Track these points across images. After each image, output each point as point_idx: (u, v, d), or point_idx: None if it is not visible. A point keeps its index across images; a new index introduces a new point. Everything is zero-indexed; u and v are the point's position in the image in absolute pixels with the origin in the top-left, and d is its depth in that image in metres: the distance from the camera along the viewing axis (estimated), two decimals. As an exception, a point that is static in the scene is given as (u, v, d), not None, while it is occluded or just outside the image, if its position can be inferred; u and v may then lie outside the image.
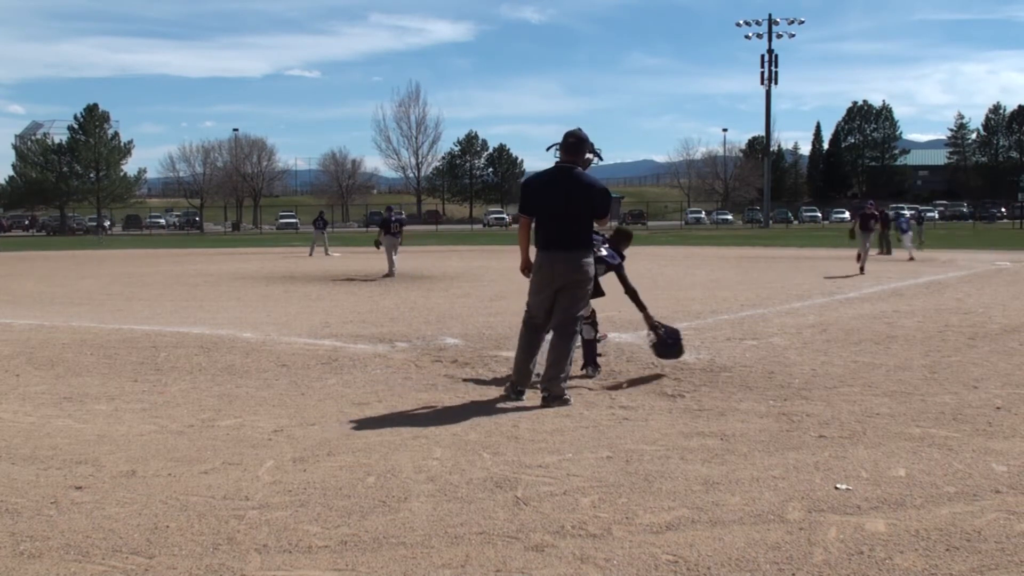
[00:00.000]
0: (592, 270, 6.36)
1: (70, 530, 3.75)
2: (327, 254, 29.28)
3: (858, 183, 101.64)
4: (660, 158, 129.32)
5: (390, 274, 19.06)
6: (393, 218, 20.17)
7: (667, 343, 7.24)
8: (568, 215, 6.17)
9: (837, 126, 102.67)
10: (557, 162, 6.31)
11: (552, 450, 4.92)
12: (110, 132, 75.52)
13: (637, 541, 3.59)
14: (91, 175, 73.80)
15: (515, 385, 6.33)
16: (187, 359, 8.07)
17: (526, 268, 6.44)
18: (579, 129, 6.36)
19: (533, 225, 6.30)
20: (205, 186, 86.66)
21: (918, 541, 3.55)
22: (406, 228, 29.73)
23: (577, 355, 6.75)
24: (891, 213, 34.77)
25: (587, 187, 6.22)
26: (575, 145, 6.26)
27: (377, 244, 20.07)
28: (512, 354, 8.06)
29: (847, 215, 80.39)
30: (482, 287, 16.04)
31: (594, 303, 7.34)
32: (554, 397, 6.08)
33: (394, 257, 19.46)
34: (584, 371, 7.17)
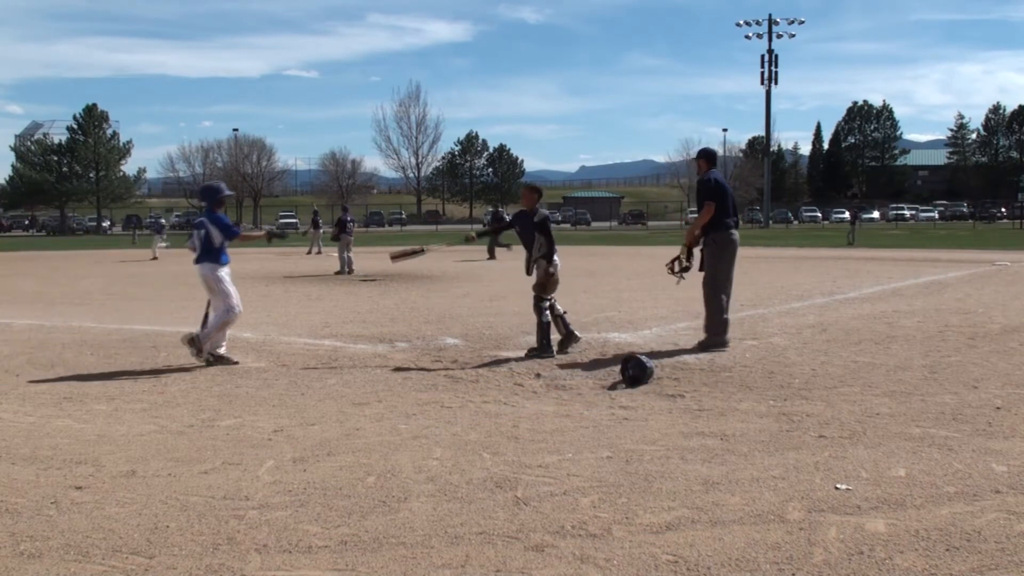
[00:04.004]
0: None
1: (70, 530, 3.76)
2: (319, 252, 29.42)
3: (858, 183, 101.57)
4: (660, 158, 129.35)
5: (342, 271, 19.55)
6: (349, 219, 20.94)
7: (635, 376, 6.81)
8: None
9: (837, 126, 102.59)
10: (714, 169, 8.55)
11: (552, 450, 4.93)
12: (109, 132, 75.46)
13: (637, 541, 3.59)
14: (91, 175, 73.74)
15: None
16: (187, 359, 8.07)
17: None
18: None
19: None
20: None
21: (918, 541, 3.55)
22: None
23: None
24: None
25: None
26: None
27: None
28: (511, 353, 8.09)
29: (847, 215, 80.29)
30: (482, 287, 16.03)
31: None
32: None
33: (350, 256, 20.03)
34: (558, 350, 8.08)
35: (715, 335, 8.24)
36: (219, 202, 8.12)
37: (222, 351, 7.90)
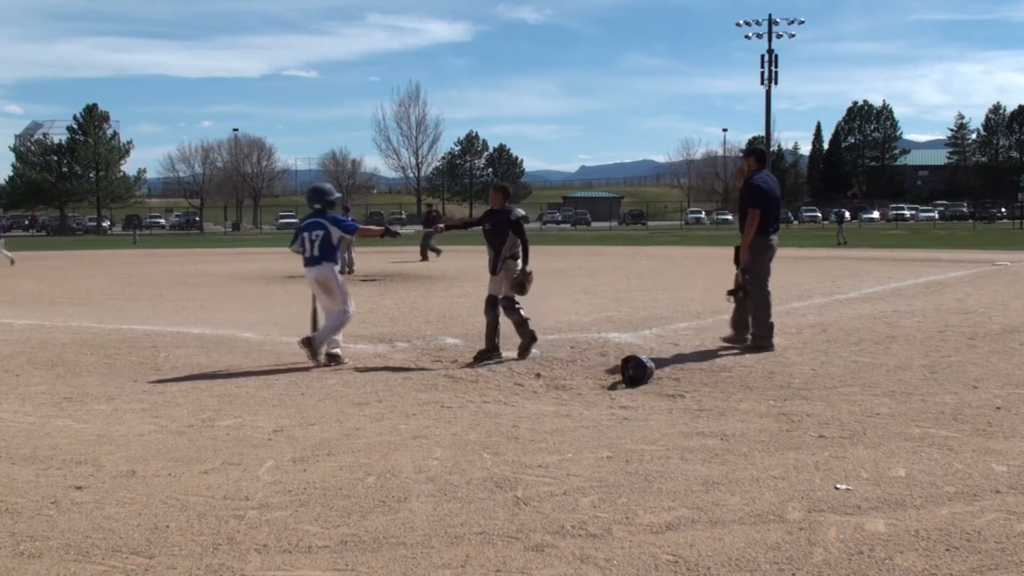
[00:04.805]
0: None
1: (70, 530, 3.76)
2: None
3: (858, 183, 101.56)
4: (660, 158, 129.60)
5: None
6: (350, 219, 20.74)
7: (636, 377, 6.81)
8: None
9: (837, 126, 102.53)
10: (764, 170, 8.31)
11: (552, 450, 4.93)
12: (109, 132, 75.46)
13: (637, 541, 3.59)
14: (91, 175, 73.75)
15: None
16: (187, 359, 8.07)
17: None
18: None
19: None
20: (205, 186, 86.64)
21: (918, 541, 3.55)
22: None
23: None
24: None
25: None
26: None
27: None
28: (511, 353, 8.08)
29: (847, 215, 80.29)
30: (482, 287, 15.97)
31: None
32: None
33: (351, 255, 19.95)
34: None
35: (763, 338, 8.16)
36: (331, 203, 8.10)
37: (338, 351, 7.82)
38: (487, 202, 8.39)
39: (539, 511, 3.94)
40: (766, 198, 8.18)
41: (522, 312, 7.97)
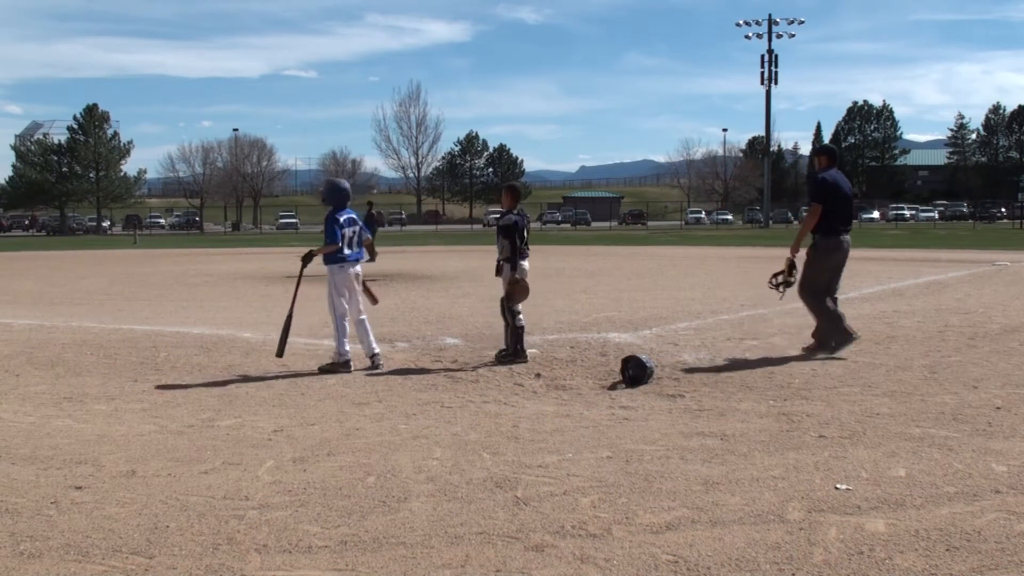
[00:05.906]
0: None
1: (70, 530, 3.76)
2: None
3: (858, 183, 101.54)
4: (660, 158, 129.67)
5: None
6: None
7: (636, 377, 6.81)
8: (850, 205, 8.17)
9: (837, 126, 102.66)
10: (833, 167, 8.08)
11: (552, 450, 4.93)
12: (110, 132, 75.44)
13: (637, 541, 3.59)
14: (91, 175, 73.73)
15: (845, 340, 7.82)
16: (187, 359, 8.07)
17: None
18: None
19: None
20: (205, 186, 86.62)
21: (918, 541, 3.55)
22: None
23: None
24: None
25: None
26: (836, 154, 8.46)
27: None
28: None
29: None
30: (482, 287, 16.01)
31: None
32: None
33: None
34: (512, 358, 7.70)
35: (826, 338, 7.87)
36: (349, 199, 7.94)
37: (348, 357, 7.60)
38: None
39: (539, 511, 3.94)
40: (832, 193, 7.86)
41: (519, 319, 7.77)
